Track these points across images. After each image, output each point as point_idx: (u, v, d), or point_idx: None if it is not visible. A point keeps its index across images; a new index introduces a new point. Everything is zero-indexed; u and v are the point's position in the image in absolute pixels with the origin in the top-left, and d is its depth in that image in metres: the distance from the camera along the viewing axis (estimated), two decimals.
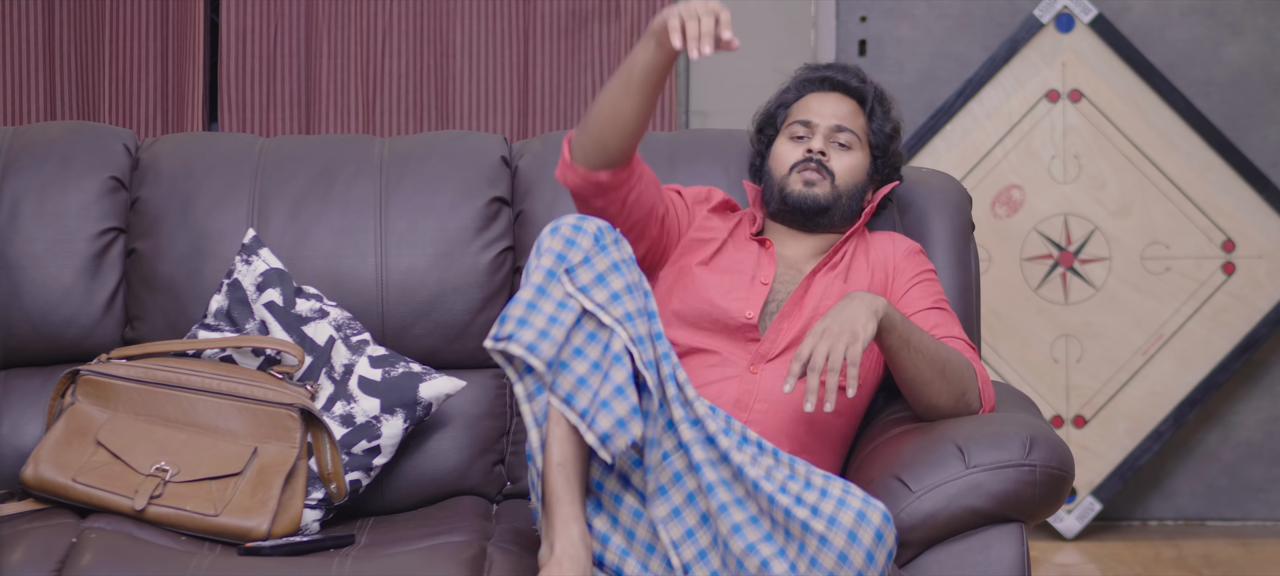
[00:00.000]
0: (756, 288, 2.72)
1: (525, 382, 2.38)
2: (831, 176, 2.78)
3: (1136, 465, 4.30)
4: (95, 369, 2.67)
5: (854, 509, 2.33)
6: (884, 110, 2.86)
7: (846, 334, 2.46)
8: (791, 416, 2.65)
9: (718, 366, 2.68)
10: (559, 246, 2.41)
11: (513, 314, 2.36)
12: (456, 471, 2.85)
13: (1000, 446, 2.47)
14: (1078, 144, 4.29)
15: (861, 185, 2.81)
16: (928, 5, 4.32)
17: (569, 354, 2.36)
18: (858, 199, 2.81)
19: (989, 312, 4.28)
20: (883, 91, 2.88)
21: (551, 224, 2.44)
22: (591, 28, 3.99)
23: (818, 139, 2.79)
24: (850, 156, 2.80)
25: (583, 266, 2.39)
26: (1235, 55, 4.34)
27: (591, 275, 2.38)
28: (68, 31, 3.95)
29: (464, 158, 2.96)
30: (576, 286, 2.38)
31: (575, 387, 2.35)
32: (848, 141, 2.80)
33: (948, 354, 2.60)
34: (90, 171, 2.90)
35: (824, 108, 2.82)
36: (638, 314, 2.38)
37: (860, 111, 2.84)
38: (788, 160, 2.80)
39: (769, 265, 2.75)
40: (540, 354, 2.34)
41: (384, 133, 3.97)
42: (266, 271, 2.79)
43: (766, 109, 2.91)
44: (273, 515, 2.53)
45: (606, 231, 2.43)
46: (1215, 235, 4.30)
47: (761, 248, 2.78)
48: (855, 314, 2.49)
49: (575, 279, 2.38)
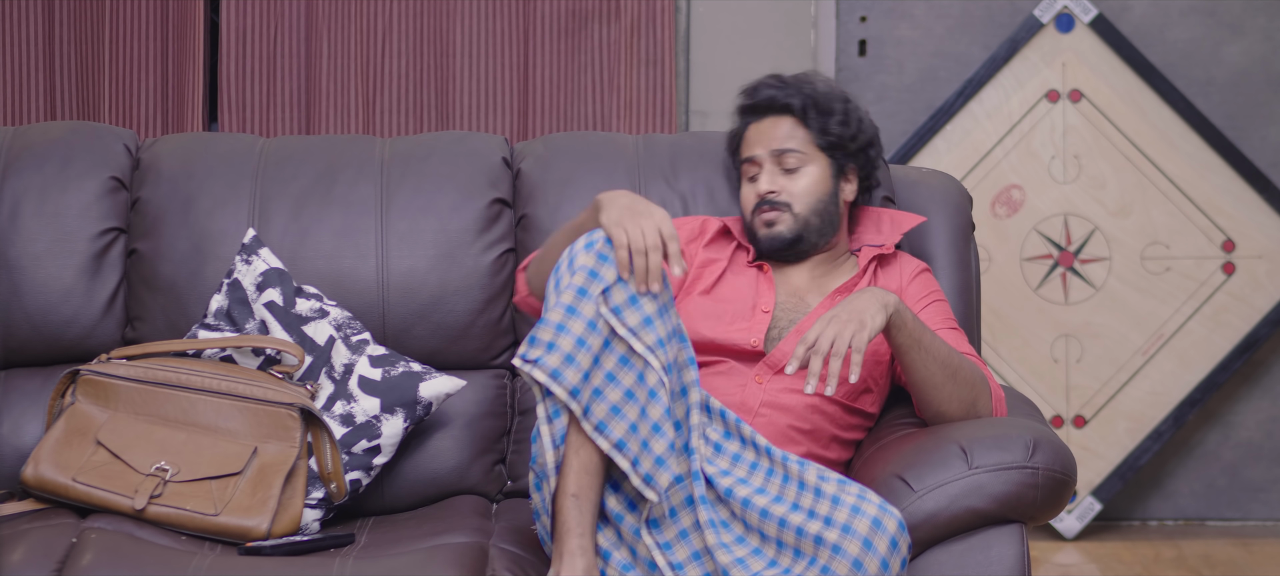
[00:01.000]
0: (758, 316, 2.70)
1: (546, 404, 2.37)
2: (788, 206, 2.74)
3: (1136, 465, 4.30)
4: (95, 369, 2.66)
5: (869, 515, 2.33)
6: (821, 110, 2.77)
7: (854, 322, 2.46)
8: (796, 424, 2.65)
9: (724, 375, 2.68)
10: (592, 263, 2.38)
11: (542, 337, 2.34)
12: (457, 471, 2.85)
13: (1003, 448, 2.47)
14: (1078, 144, 4.29)
15: (827, 195, 2.76)
16: (928, 5, 4.32)
17: (601, 379, 2.34)
18: (829, 210, 2.76)
19: (989, 312, 4.28)
20: (818, 93, 2.78)
21: (585, 238, 2.41)
22: (591, 28, 3.99)
23: (763, 178, 2.75)
24: (802, 177, 2.75)
25: (617, 286, 2.37)
26: (1235, 55, 4.34)
27: (624, 295, 2.36)
28: (68, 31, 3.95)
29: (465, 158, 2.96)
30: (609, 306, 2.36)
31: (609, 417, 2.34)
32: (794, 162, 2.75)
33: (960, 360, 2.59)
34: (90, 171, 2.90)
35: (759, 136, 2.78)
36: (669, 338, 2.37)
37: (799, 124, 2.77)
38: (747, 204, 2.78)
39: (769, 292, 2.73)
40: (564, 382, 2.32)
41: (384, 133, 3.97)
42: (266, 271, 2.78)
43: (728, 148, 2.89)
44: (273, 515, 2.53)
45: None
46: (1215, 235, 4.30)
47: (759, 272, 2.77)
48: (865, 305, 2.49)
49: (609, 299, 2.36)
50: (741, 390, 2.66)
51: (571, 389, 2.32)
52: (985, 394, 2.60)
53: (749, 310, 2.71)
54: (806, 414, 2.66)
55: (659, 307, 2.38)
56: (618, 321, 2.35)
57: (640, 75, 3.96)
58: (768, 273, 2.76)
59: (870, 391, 2.72)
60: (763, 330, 2.69)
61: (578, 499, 2.34)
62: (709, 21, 4.12)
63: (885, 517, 2.33)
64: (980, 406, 2.59)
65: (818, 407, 2.66)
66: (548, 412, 2.36)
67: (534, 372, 2.32)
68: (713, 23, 4.12)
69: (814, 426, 2.66)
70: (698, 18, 4.12)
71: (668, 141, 3.05)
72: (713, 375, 2.68)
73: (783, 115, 2.78)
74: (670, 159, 2.98)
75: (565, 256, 2.41)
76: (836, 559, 2.30)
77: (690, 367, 2.41)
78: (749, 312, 2.71)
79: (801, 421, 2.65)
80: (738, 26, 4.13)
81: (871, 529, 2.32)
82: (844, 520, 2.32)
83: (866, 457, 2.65)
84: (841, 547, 2.30)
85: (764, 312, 2.71)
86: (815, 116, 2.77)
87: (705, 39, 4.13)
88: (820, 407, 2.67)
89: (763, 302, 2.72)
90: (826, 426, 2.68)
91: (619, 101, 3.97)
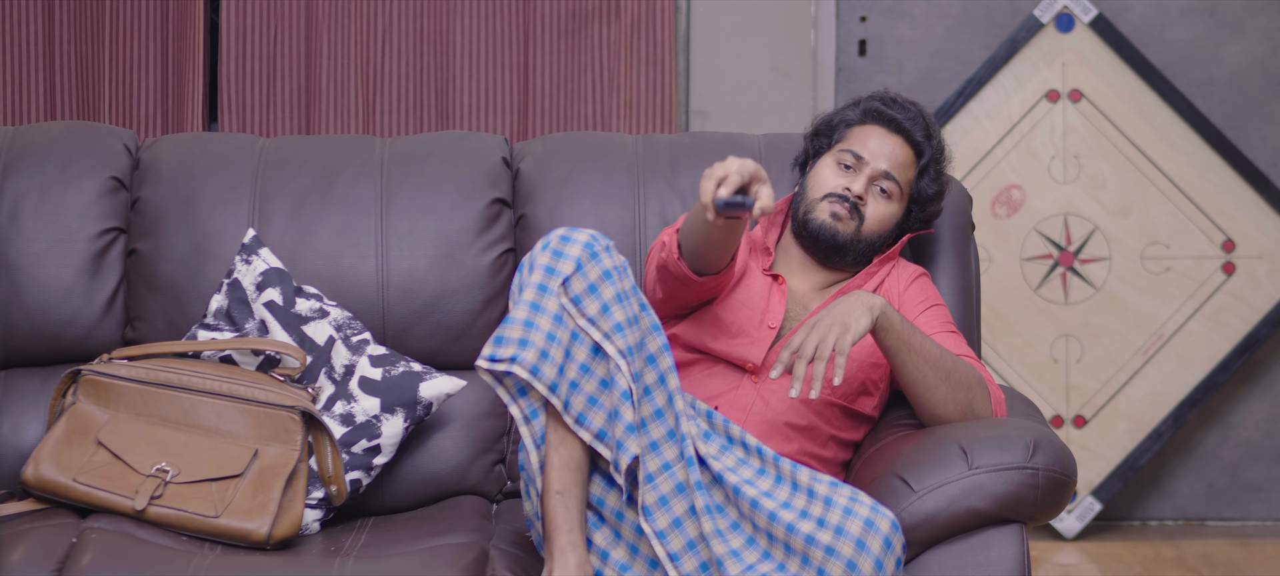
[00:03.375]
0: (763, 332, 2.69)
1: (520, 405, 2.36)
2: (861, 220, 2.73)
3: (1136, 465, 4.30)
4: (97, 369, 2.66)
5: (861, 517, 2.33)
6: (937, 171, 2.79)
7: (838, 326, 2.46)
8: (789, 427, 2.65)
9: (718, 377, 2.68)
10: (547, 260, 2.38)
11: (511, 335, 2.33)
12: (457, 471, 2.85)
13: (1004, 448, 2.47)
14: (1078, 144, 4.29)
15: (886, 236, 2.77)
16: (928, 5, 4.32)
17: (576, 372, 2.34)
18: (877, 248, 2.77)
19: (989, 312, 4.28)
20: (943, 149, 2.80)
21: (541, 240, 2.41)
22: (591, 28, 3.99)
23: (861, 180, 2.73)
24: (886, 206, 2.75)
25: (576, 276, 2.36)
26: (1235, 55, 4.34)
27: (583, 284, 2.36)
28: (68, 31, 3.95)
29: (465, 158, 2.96)
30: (569, 297, 2.36)
31: (587, 408, 2.34)
32: (890, 189, 2.74)
33: (954, 362, 2.58)
34: (90, 171, 2.90)
35: (881, 147, 2.76)
36: (627, 324, 2.35)
37: (914, 163, 2.77)
38: (825, 185, 2.75)
39: (779, 305, 2.72)
40: (543, 377, 2.31)
41: (384, 133, 3.97)
42: (266, 271, 2.78)
43: (827, 118, 2.85)
44: (273, 517, 2.53)
45: (597, 240, 2.40)
46: (1215, 235, 4.30)
47: (774, 283, 2.76)
48: (850, 308, 2.49)
49: (569, 289, 2.36)
50: (735, 389, 2.66)
51: (550, 383, 2.32)
52: (983, 395, 2.60)
53: (757, 325, 2.70)
54: (803, 413, 2.65)
55: (616, 294, 2.36)
56: (578, 313, 2.35)
57: (640, 75, 3.96)
58: (782, 285, 2.75)
59: (870, 394, 2.72)
60: (764, 347, 2.68)
61: (563, 495, 2.34)
62: (709, 21, 4.12)
63: (878, 518, 2.33)
64: (978, 408, 2.59)
65: (815, 409, 2.66)
66: (524, 413, 2.36)
67: (515, 370, 2.31)
68: (713, 23, 4.12)
69: (810, 425, 2.66)
70: (698, 18, 4.12)
71: (667, 141, 3.05)
72: (707, 375, 2.67)
73: (907, 144, 2.77)
74: (670, 159, 2.98)
75: (524, 262, 2.41)
76: (830, 561, 2.30)
77: (665, 354, 2.39)
78: (756, 327, 2.70)
79: (798, 419, 2.65)
80: (738, 26, 4.13)
81: (864, 530, 2.31)
82: (837, 521, 2.32)
83: (866, 458, 2.65)
84: (835, 549, 2.30)
85: (770, 328, 2.70)
86: (930, 169, 2.78)
87: (705, 39, 4.13)
88: (818, 409, 2.66)
89: (771, 317, 2.71)
90: (824, 427, 2.67)
91: (619, 101, 3.97)
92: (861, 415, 2.72)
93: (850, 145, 2.77)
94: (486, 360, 2.33)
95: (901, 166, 2.75)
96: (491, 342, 2.33)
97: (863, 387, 2.71)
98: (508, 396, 2.36)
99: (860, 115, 2.80)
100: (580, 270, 2.36)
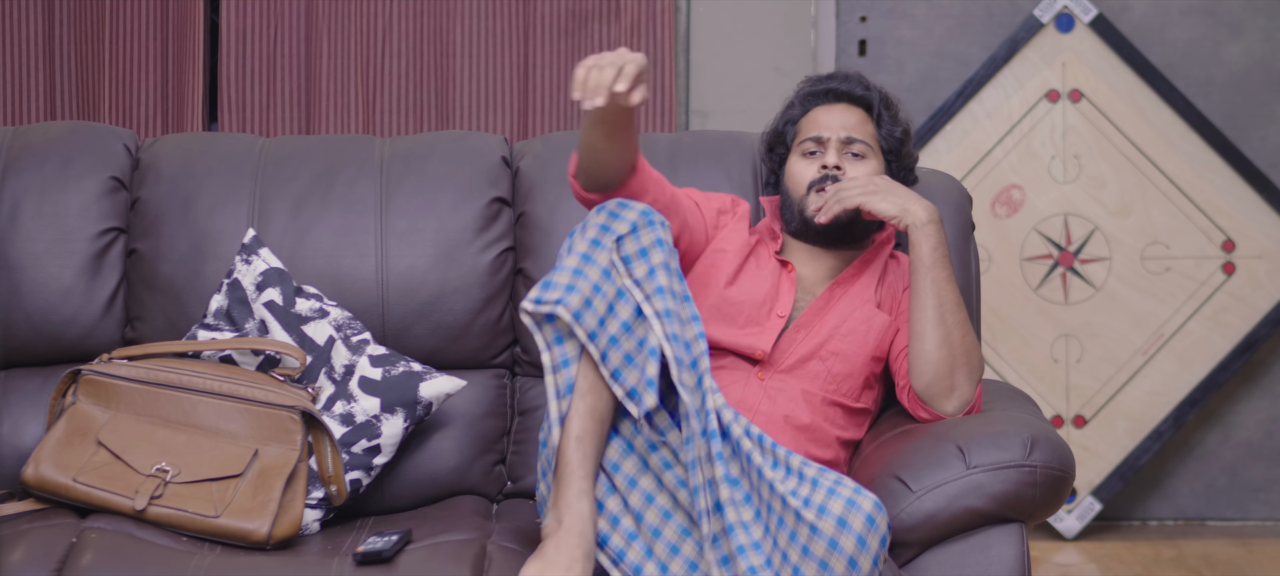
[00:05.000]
0: (773, 321, 2.70)
1: (554, 352, 2.39)
2: None
3: (1136, 465, 4.30)
4: (97, 369, 2.66)
5: (844, 497, 2.34)
6: (892, 114, 2.82)
7: (883, 186, 2.66)
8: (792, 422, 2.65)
9: (726, 370, 2.68)
10: (603, 220, 2.44)
11: (559, 280, 2.37)
12: (457, 471, 2.85)
13: (1001, 447, 2.47)
14: (1078, 144, 4.29)
15: None
16: (928, 5, 4.32)
17: (617, 328, 2.38)
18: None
19: (989, 312, 4.28)
20: (888, 96, 2.84)
21: (595, 209, 2.47)
22: (591, 28, 3.99)
23: (830, 153, 2.76)
24: (865, 166, 2.77)
25: (630, 237, 2.42)
26: (1235, 55, 4.34)
27: (635, 246, 2.41)
28: (68, 31, 3.95)
29: (465, 158, 2.96)
30: (620, 255, 2.41)
31: (623, 365, 2.37)
32: (861, 151, 2.77)
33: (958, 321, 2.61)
34: (90, 171, 2.90)
35: (831, 120, 2.79)
36: (670, 293, 2.39)
37: (868, 119, 2.81)
38: (804, 179, 2.77)
39: (789, 292, 2.73)
40: (585, 324, 2.36)
41: (384, 133, 3.97)
42: (266, 271, 2.79)
43: (774, 127, 2.88)
44: (273, 517, 2.53)
45: (653, 211, 2.46)
46: (1215, 235, 4.30)
47: (783, 269, 2.76)
48: (908, 194, 2.65)
49: (622, 248, 2.41)
50: (742, 386, 2.66)
51: (590, 332, 2.36)
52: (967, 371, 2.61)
53: (765, 313, 2.70)
54: (806, 412, 2.66)
55: (665, 261, 2.41)
56: (626, 273, 2.39)
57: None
58: (791, 271, 2.76)
59: (871, 387, 2.73)
60: (774, 335, 2.69)
61: (582, 442, 2.36)
62: (709, 21, 4.12)
63: (860, 498, 2.34)
64: (958, 377, 2.61)
65: (817, 408, 2.66)
66: (555, 361, 2.38)
67: (558, 310, 2.34)
68: (713, 23, 4.12)
69: (812, 423, 2.66)
70: (698, 18, 4.12)
71: (668, 140, 3.05)
72: (715, 370, 2.67)
73: (856, 106, 2.82)
74: (670, 158, 2.98)
75: (576, 228, 2.46)
76: (814, 539, 2.31)
77: (693, 323, 2.42)
78: (764, 316, 2.70)
79: (801, 415, 2.65)
80: (738, 26, 4.13)
81: (846, 508, 2.32)
82: (820, 501, 2.33)
83: (865, 457, 2.65)
84: (818, 528, 2.31)
85: (779, 317, 2.70)
86: (886, 117, 2.82)
87: (705, 39, 4.13)
88: (821, 406, 2.67)
89: (780, 306, 2.71)
90: (826, 427, 2.68)
91: None
92: (864, 410, 2.72)
93: (807, 134, 2.81)
94: (532, 302, 2.37)
95: (858, 125, 2.79)
96: (539, 287, 2.38)
97: (866, 382, 2.71)
98: (544, 342, 2.39)
99: (801, 105, 2.85)
100: (635, 232, 2.42)
